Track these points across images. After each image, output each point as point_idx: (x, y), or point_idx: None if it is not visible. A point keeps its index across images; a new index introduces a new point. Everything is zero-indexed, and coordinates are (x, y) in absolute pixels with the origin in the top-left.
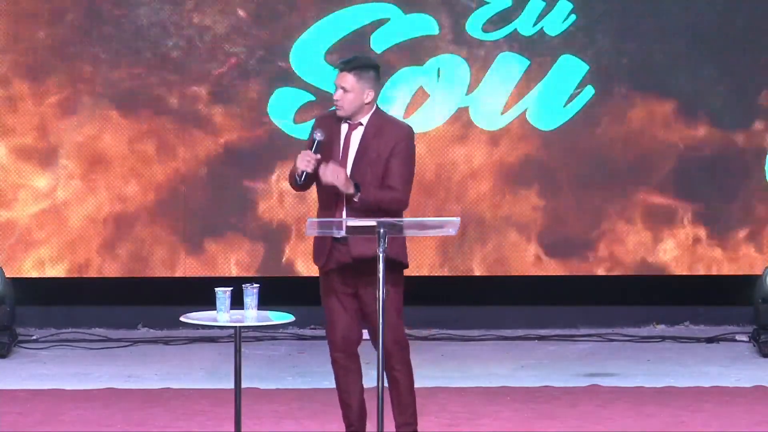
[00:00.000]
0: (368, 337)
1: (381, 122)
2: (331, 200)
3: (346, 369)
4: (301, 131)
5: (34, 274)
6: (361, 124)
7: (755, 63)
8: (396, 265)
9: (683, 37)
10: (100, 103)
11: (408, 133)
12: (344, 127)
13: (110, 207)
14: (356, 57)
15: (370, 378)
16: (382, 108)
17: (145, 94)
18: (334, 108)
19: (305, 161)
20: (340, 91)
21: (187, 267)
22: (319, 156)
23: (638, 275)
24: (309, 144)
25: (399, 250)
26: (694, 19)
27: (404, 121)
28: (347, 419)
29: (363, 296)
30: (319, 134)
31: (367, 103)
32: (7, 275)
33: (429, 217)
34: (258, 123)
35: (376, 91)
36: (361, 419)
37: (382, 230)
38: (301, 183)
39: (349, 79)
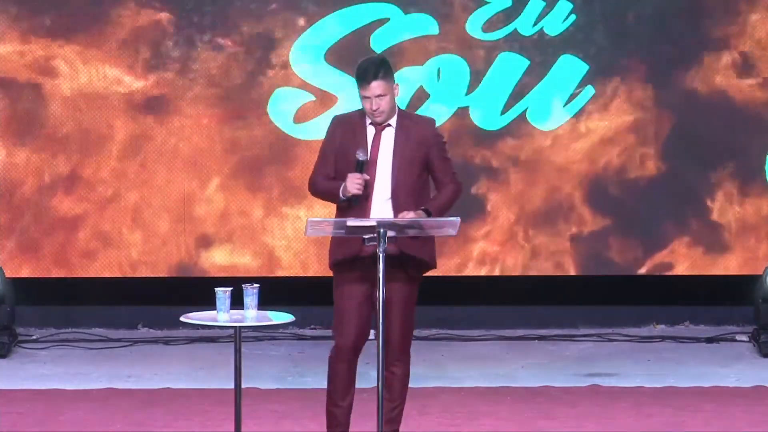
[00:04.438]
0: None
1: (407, 122)
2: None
3: (351, 375)
4: (301, 131)
5: (34, 274)
6: (390, 125)
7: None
8: (425, 265)
9: (683, 36)
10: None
11: (436, 125)
12: (371, 129)
13: (110, 206)
14: (373, 61)
15: (367, 378)
16: None
17: (145, 93)
18: (360, 109)
19: (356, 185)
20: (376, 100)
21: (188, 267)
22: (368, 177)
23: (638, 275)
24: (354, 166)
25: (433, 252)
26: (693, 18)
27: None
28: (337, 419)
29: (388, 293)
30: (362, 154)
31: (396, 100)
32: (7, 275)
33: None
34: (258, 123)
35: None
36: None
37: (382, 230)
38: (356, 204)
39: (381, 86)
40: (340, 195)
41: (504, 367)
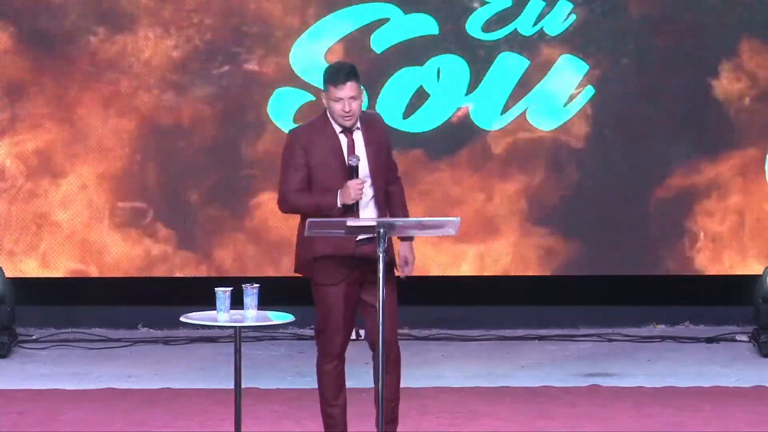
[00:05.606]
0: (363, 337)
1: (367, 122)
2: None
3: (340, 374)
4: None
5: (34, 274)
6: (358, 128)
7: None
8: (392, 264)
9: (684, 36)
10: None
11: (384, 121)
12: (342, 137)
13: (113, 206)
14: (345, 64)
15: (366, 379)
16: (381, 109)
17: (144, 94)
18: (317, 118)
19: (360, 191)
20: (349, 102)
21: (188, 267)
22: (366, 180)
23: (638, 275)
24: (348, 172)
25: (391, 250)
26: (694, 18)
27: (404, 121)
28: (334, 419)
29: (370, 295)
30: (354, 160)
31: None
32: (7, 275)
33: (427, 217)
34: (258, 123)
35: None
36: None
37: (382, 230)
38: (355, 210)
39: (354, 87)
40: (338, 204)
41: (504, 367)
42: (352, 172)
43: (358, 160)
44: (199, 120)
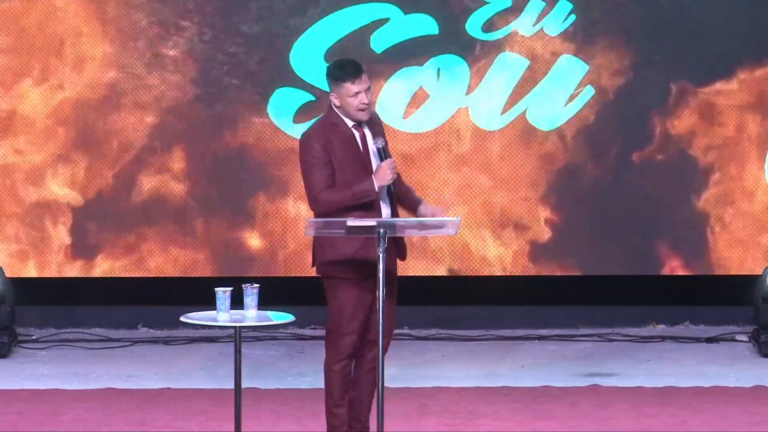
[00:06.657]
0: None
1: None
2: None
3: (348, 374)
4: (301, 131)
5: (34, 274)
6: (365, 122)
7: (758, 61)
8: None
9: (684, 36)
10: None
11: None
12: (356, 133)
13: (113, 207)
14: (349, 59)
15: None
16: (381, 109)
17: (145, 94)
18: (323, 117)
19: (394, 170)
20: (366, 93)
21: (188, 267)
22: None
23: (638, 275)
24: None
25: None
26: (694, 19)
27: (404, 120)
28: (341, 419)
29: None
30: (380, 142)
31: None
32: (7, 275)
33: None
34: (258, 123)
35: None
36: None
37: (382, 230)
38: (394, 190)
39: (367, 79)
40: (375, 188)
41: (504, 367)
42: (381, 153)
43: (384, 141)
44: (199, 120)
